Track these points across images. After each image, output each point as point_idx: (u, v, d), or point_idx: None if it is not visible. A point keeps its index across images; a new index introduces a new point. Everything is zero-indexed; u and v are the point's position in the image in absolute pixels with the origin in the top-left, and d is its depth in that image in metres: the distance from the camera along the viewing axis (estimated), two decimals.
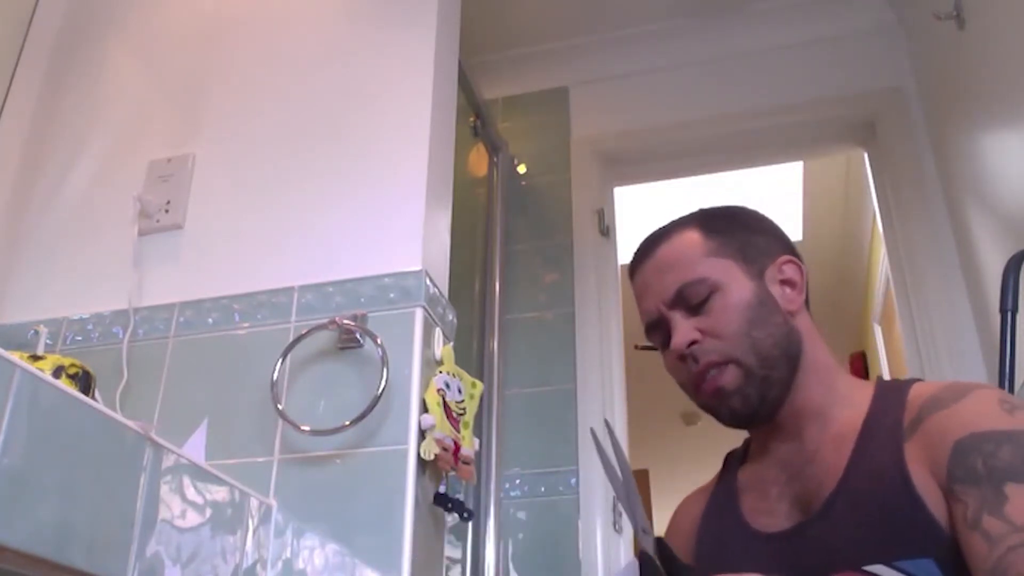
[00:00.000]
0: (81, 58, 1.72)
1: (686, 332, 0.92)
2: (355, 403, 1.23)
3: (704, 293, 0.92)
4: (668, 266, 0.96)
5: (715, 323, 0.91)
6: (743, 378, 0.90)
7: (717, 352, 0.90)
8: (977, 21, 1.78)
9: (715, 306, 0.92)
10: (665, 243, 0.98)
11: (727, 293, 0.92)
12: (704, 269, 0.94)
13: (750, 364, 0.90)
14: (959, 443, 0.77)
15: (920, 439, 0.81)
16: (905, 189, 2.24)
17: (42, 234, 1.56)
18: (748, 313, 0.91)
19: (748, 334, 0.90)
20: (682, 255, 0.96)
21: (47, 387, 0.78)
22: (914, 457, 0.80)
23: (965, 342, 2.00)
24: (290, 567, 1.16)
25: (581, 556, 2.03)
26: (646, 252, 1.00)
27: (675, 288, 0.94)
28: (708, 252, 0.95)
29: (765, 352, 0.90)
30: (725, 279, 0.93)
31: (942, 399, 0.82)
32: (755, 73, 2.50)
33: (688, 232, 0.98)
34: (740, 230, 0.98)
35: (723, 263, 0.94)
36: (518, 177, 2.56)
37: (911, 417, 0.83)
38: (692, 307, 0.93)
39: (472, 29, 1.90)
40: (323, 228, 1.42)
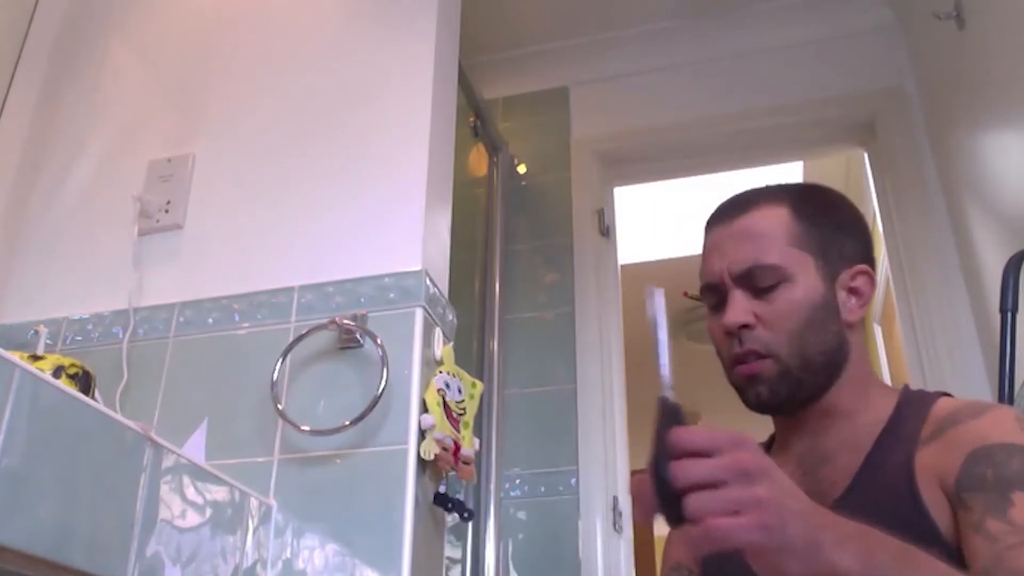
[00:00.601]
0: (81, 58, 1.72)
1: (741, 312, 0.90)
2: (355, 403, 1.23)
3: (773, 280, 0.90)
4: (747, 237, 0.93)
5: (773, 314, 0.90)
6: (779, 374, 0.89)
7: (763, 344, 0.90)
8: (977, 21, 1.78)
9: (780, 297, 0.90)
10: (754, 210, 0.95)
11: (795, 287, 0.90)
12: (782, 255, 0.91)
13: (791, 364, 0.89)
14: (972, 453, 0.78)
15: (935, 450, 0.82)
16: (905, 189, 2.24)
17: (42, 234, 1.56)
18: (809, 314, 0.90)
19: (801, 335, 0.89)
20: (766, 232, 0.93)
21: (47, 387, 0.78)
22: (925, 467, 0.81)
23: (965, 342, 2.00)
24: (290, 567, 1.16)
25: (581, 556, 2.03)
26: (730, 212, 0.97)
27: (747, 265, 0.92)
28: (790, 239, 0.92)
29: (810, 356, 0.90)
30: (798, 272, 0.91)
31: (961, 413, 0.83)
32: (755, 73, 2.50)
33: (778, 208, 0.94)
34: (828, 224, 0.95)
35: (801, 255, 0.92)
36: (518, 177, 2.56)
37: (930, 430, 0.84)
38: (757, 289, 0.91)
39: (472, 29, 1.90)
40: (323, 228, 1.42)
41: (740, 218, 0.95)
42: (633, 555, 2.22)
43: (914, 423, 0.86)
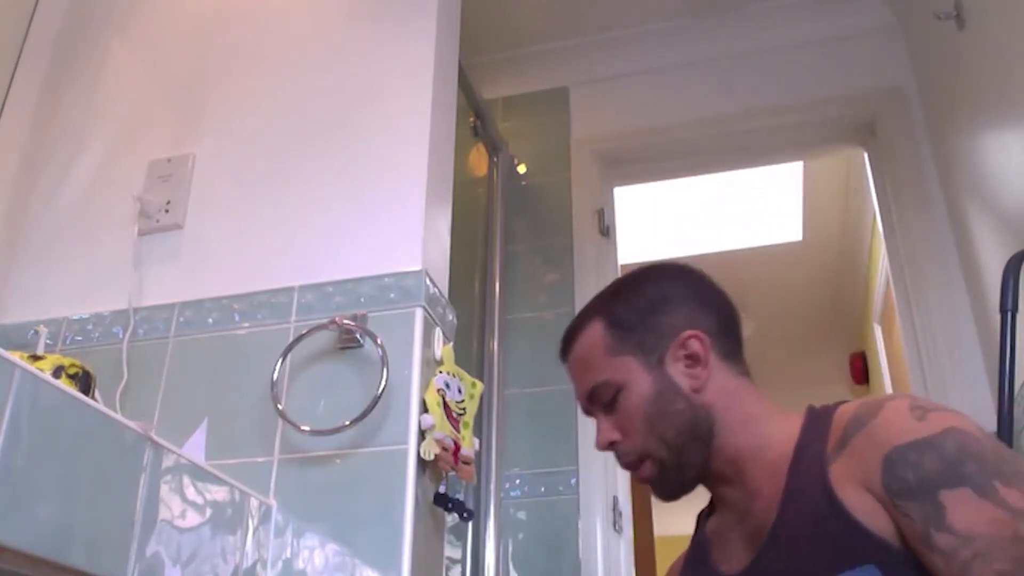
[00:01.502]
0: (81, 58, 1.72)
1: (606, 432, 0.99)
2: (355, 403, 1.23)
3: (610, 393, 0.98)
4: (580, 366, 1.03)
5: (625, 422, 0.98)
6: (660, 470, 0.97)
7: (633, 452, 0.97)
8: (977, 21, 1.78)
9: (622, 405, 0.98)
10: (577, 341, 1.04)
11: (629, 393, 0.97)
12: (607, 371, 0.99)
13: (663, 456, 0.96)
14: (886, 458, 0.80)
15: (847, 459, 0.84)
16: (905, 189, 2.24)
17: (42, 234, 1.56)
18: (649, 409, 0.96)
19: (653, 430, 0.96)
20: (589, 355, 1.02)
21: (47, 387, 0.78)
22: (841, 476, 0.83)
23: (965, 342, 2.00)
24: (290, 567, 1.16)
25: (581, 556, 2.03)
26: (564, 349, 1.07)
27: (586, 391, 1.01)
28: (609, 351, 1.00)
29: (673, 441, 0.96)
30: (626, 378, 0.98)
31: (861, 418, 0.86)
32: (755, 73, 2.50)
33: (593, 327, 1.03)
34: (641, 315, 1.01)
35: (623, 361, 0.99)
36: (518, 177, 2.56)
37: (836, 439, 0.87)
38: (606, 405, 0.99)
39: (472, 29, 1.90)
40: (323, 228, 1.42)
41: (571, 351, 1.05)
42: (633, 555, 2.22)
43: (822, 437, 0.89)
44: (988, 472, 0.76)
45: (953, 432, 0.80)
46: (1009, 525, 0.74)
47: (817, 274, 3.95)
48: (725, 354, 1.01)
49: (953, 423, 0.81)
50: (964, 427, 0.80)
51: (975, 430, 0.81)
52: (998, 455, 0.78)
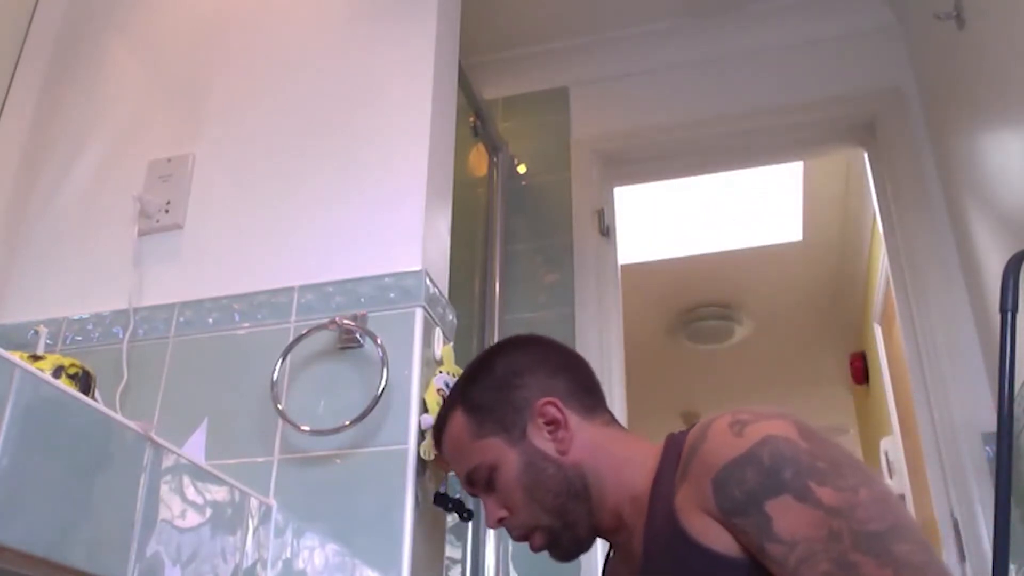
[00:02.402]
0: (81, 58, 1.72)
1: (493, 511, 1.03)
2: (355, 403, 1.23)
3: (485, 475, 1.03)
4: (453, 455, 1.08)
5: (506, 499, 1.02)
6: (551, 537, 1.01)
7: (521, 527, 1.02)
8: (977, 21, 1.78)
9: (499, 484, 1.02)
10: (445, 432, 1.09)
11: (501, 471, 1.02)
12: (476, 455, 1.04)
13: (548, 524, 1.00)
14: (714, 482, 0.83)
15: (687, 486, 0.87)
16: (905, 189, 2.24)
17: (42, 234, 1.56)
18: (523, 482, 1.00)
19: (533, 500, 1.00)
20: (457, 444, 1.07)
21: (47, 387, 0.78)
22: (684, 506, 0.86)
23: (965, 342, 2.00)
24: (290, 567, 1.16)
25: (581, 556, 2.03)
26: (436, 441, 1.12)
27: (463, 476, 1.06)
28: (474, 436, 1.04)
29: (552, 506, 1.00)
30: (495, 458, 1.02)
31: (695, 444, 0.89)
32: (755, 73, 2.50)
33: (456, 416, 1.07)
34: (496, 393, 1.06)
35: (488, 443, 1.03)
36: (518, 177, 2.56)
37: (681, 468, 0.90)
38: (485, 486, 1.03)
39: (472, 29, 1.90)
40: (323, 228, 1.42)
41: (443, 442, 1.10)
42: None
43: (671, 469, 0.92)
44: (803, 473, 0.79)
45: (769, 441, 0.82)
46: (824, 523, 0.76)
47: (817, 274, 3.95)
48: (584, 410, 1.05)
49: (769, 431, 0.83)
50: (780, 432, 0.82)
51: (793, 432, 0.83)
52: (813, 454, 0.80)
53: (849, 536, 0.74)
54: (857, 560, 0.73)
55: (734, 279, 3.92)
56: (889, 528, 0.75)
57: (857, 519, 0.75)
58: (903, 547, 0.74)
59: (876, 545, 0.74)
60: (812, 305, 4.17)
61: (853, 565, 0.73)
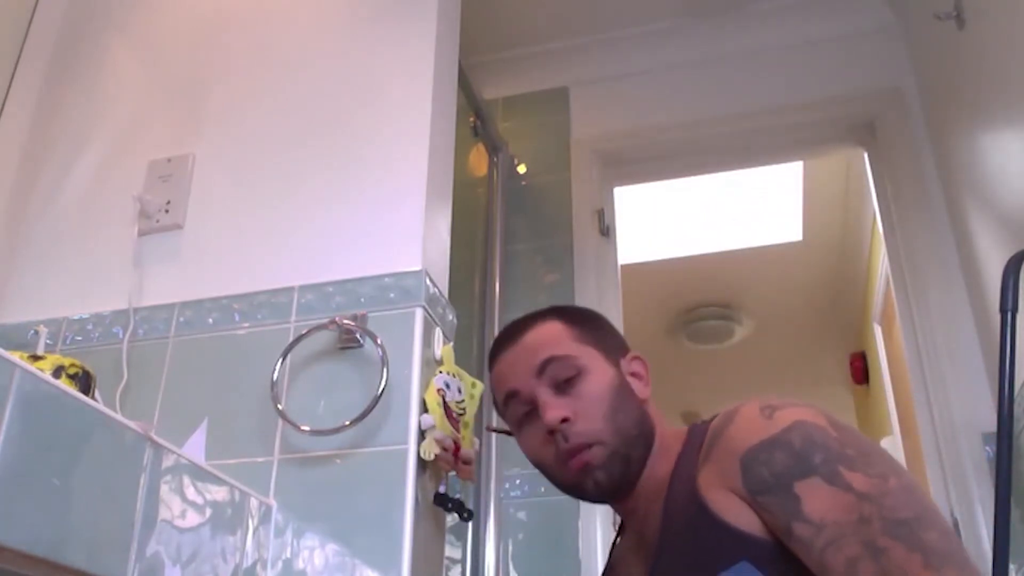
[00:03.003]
0: (81, 58, 1.72)
1: (559, 408, 0.97)
2: (355, 403, 1.23)
3: (571, 372, 0.98)
4: (536, 346, 1.01)
5: (583, 406, 0.97)
6: (609, 457, 0.96)
7: (586, 436, 0.96)
8: (977, 21, 1.78)
9: (582, 390, 0.98)
10: (530, 330, 1.04)
11: (592, 378, 0.99)
12: (571, 350, 1.00)
13: (615, 445, 0.96)
14: (742, 461, 0.84)
15: (711, 465, 0.88)
16: (905, 189, 2.24)
17: (42, 234, 1.56)
18: (611, 397, 0.98)
19: (613, 417, 0.97)
20: (549, 338, 1.02)
21: (47, 387, 0.78)
22: (708, 483, 0.87)
23: (965, 342, 2.00)
24: (290, 567, 1.16)
25: (581, 556, 2.03)
26: (510, 337, 1.05)
27: (543, 359, 0.99)
28: (573, 337, 1.02)
29: (627, 433, 0.97)
30: (590, 364, 1.00)
31: (720, 427, 0.90)
32: (755, 73, 2.50)
33: (550, 322, 1.04)
34: (595, 326, 1.06)
35: (587, 349, 1.01)
36: (518, 177, 2.56)
37: (704, 451, 0.91)
38: (558, 384, 0.98)
39: (472, 29, 1.90)
40: (323, 228, 1.42)
41: (521, 338, 1.03)
42: None
43: (694, 453, 0.93)
44: (833, 459, 0.80)
45: (798, 426, 0.83)
46: (855, 508, 0.77)
47: (817, 274, 3.95)
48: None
49: (798, 417, 0.84)
50: (810, 419, 0.84)
51: (822, 420, 0.84)
52: (842, 442, 0.82)
53: (879, 521, 0.75)
54: (887, 545, 0.74)
55: (734, 279, 3.92)
56: (917, 516, 0.76)
57: (887, 506, 0.76)
58: (931, 535, 0.75)
59: (905, 532, 0.75)
60: (812, 305, 4.18)
61: (883, 550, 0.74)
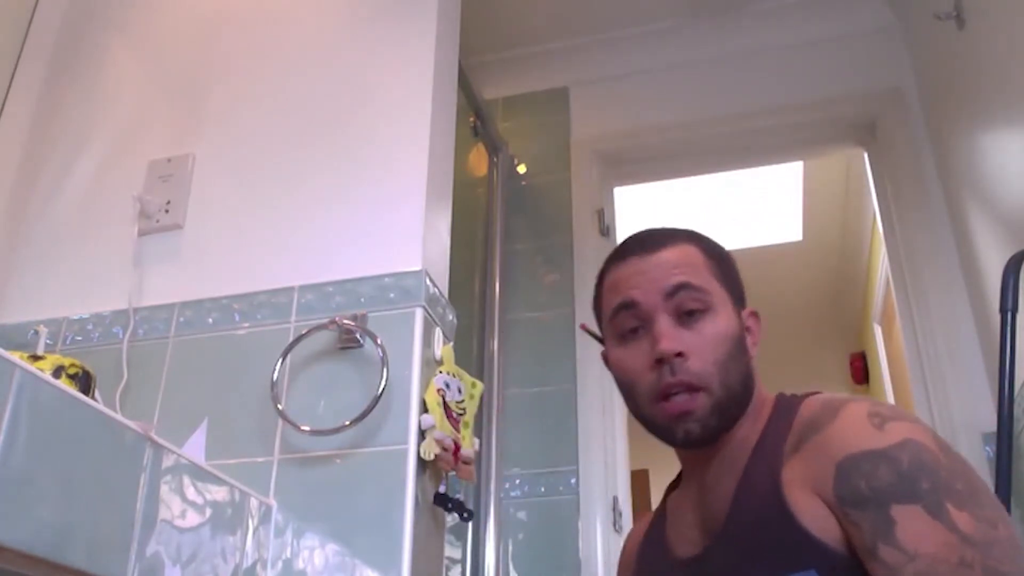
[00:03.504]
0: (81, 58, 1.72)
1: (677, 339, 0.90)
2: (355, 403, 1.23)
3: (698, 306, 0.91)
4: (672, 265, 0.94)
5: (700, 345, 0.90)
6: (711, 408, 0.89)
7: (696, 376, 0.89)
8: (977, 21, 1.78)
9: (705, 328, 0.91)
10: (669, 247, 0.96)
11: (718, 319, 0.92)
12: (707, 283, 0.93)
13: (719, 396, 0.90)
14: (839, 466, 0.79)
15: (800, 461, 0.83)
16: (905, 189, 2.24)
17: (42, 234, 1.56)
18: (730, 345, 0.91)
19: (727, 366, 0.90)
20: (688, 262, 0.94)
21: (47, 387, 0.78)
22: (793, 478, 0.82)
23: (965, 342, 2.00)
24: (290, 567, 1.16)
25: (581, 556, 2.03)
26: (644, 245, 0.97)
27: (677, 283, 0.92)
28: (711, 271, 0.95)
29: (732, 387, 0.91)
30: (719, 304, 0.93)
31: (818, 420, 0.84)
32: (755, 73, 2.50)
33: (691, 246, 0.97)
34: (730, 266, 0.99)
35: (719, 288, 0.94)
36: (518, 177, 2.56)
37: (793, 440, 0.85)
38: (682, 315, 0.91)
39: (472, 29, 1.90)
40: (323, 228, 1.42)
41: (660, 250, 0.96)
42: None
43: (780, 434, 0.87)
44: (941, 491, 0.75)
45: (910, 444, 0.78)
46: (955, 550, 0.72)
47: (817, 274, 3.96)
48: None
49: (910, 434, 0.79)
50: (922, 439, 0.79)
51: (933, 443, 0.79)
52: (952, 472, 0.77)
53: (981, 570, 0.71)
54: None
55: None
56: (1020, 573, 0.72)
57: (993, 556, 0.72)
58: None
59: None
60: (812, 305, 4.18)
61: None
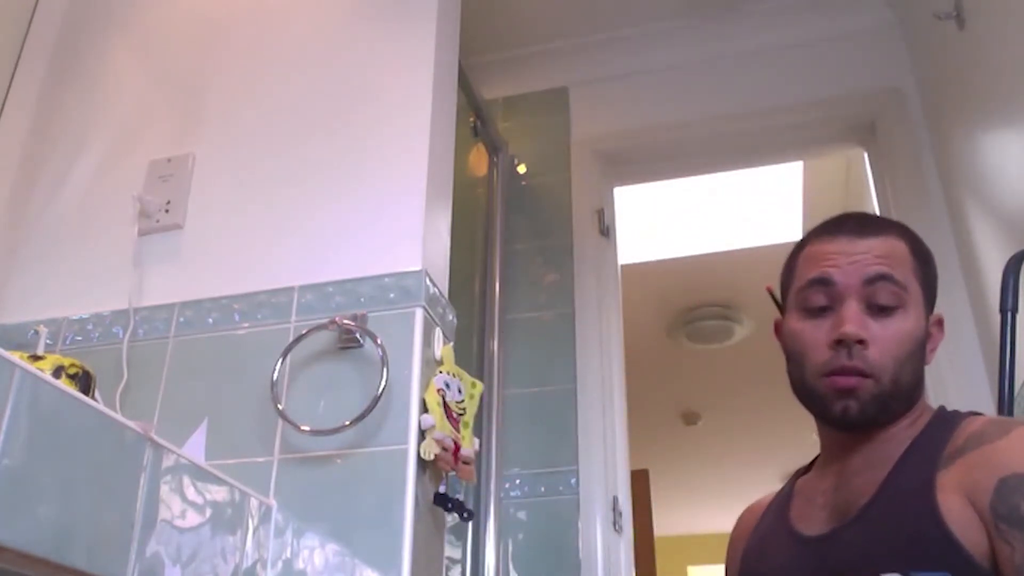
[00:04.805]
0: (81, 58, 1.72)
1: (863, 325, 0.93)
2: (355, 403, 1.23)
3: (894, 302, 0.94)
4: (879, 254, 0.96)
5: (885, 338, 0.93)
6: (874, 395, 0.92)
7: (870, 365, 0.92)
8: (977, 21, 1.78)
9: (893, 324, 0.93)
10: (880, 236, 0.98)
11: (908, 317, 0.94)
12: (908, 280, 0.95)
13: (888, 388, 0.92)
14: (1003, 481, 0.79)
15: (960, 469, 0.84)
16: (905, 189, 2.24)
17: (42, 234, 1.56)
18: (913, 346, 0.94)
19: (903, 364, 0.93)
20: (895, 255, 0.97)
21: (47, 387, 0.78)
22: (949, 484, 0.83)
23: (965, 342, 2.00)
24: (290, 567, 1.16)
25: (581, 556, 2.03)
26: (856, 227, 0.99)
27: (879, 272, 0.94)
28: (914, 270, 0.97)
29: (903, 385, 0.93)
30: (912, 304, 0.95)
31: (986, 434, 0.85)
32: (755, 73, 2.50)
33: (900, 240, 0.99)
34: (931, 268, 1.01)
35: (917, 288, 0.96)
36: (518, 177, 2.56)
37: (955, 447, 0.87)
38: (874, 305, 0.94)
39: (472, 29, 1.90)
40: (323, 228, 1.42)
41: (869, 235, 0.98)
42: (633, 555, 2.22)
43: (939, 440, 0.89)
44: None
45: None
46: None
47: None
48: None
49: None
50: None
51: None
52: None
53: None
54: None
55: (734, 279, 3.92)
56: None
57: None
58: None
59: None
60: None
61: None
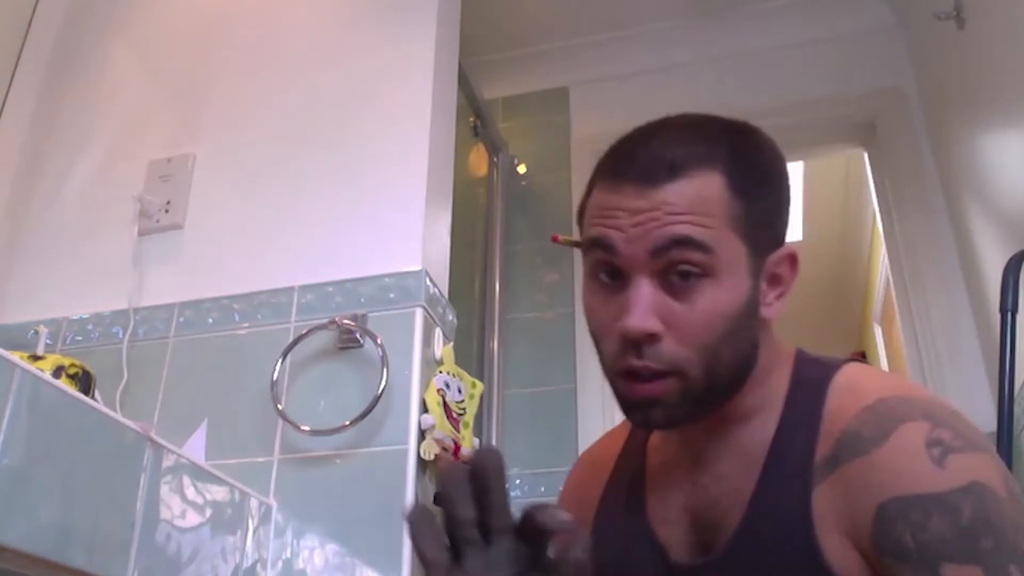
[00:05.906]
0: (81, 58, 1.72)
1: (648, 316, 0.70)
2: (355, 403, 1.23)
3: (697, 269, 0.70)
4: (673, 209, 0.71)
5: (684, 322, 0.70)
6: (680, 395, 0.72)
7: (668, 362, 0.70)
8: (977, 21, 1.78)
9: (699, 299, 0.70)
10: (682, 176, 0.72)
11: (719, 287, 0.71)
12: (716, 239, 0.70)
13: (697, 383, 0.71)
14: (882, 508, 0.66)
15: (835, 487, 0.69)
16: (905, 189, 2.24)
17: (42, 234, 1.56)
18: (728, 322, 0.71)
19: (715, 350, 0.71)
20: (703, 200, 0.71)
21: (47, 387, 0.78)
22: (824, 506, 0.69)
23: (965, 342, 2.00)
24: (290, 567, 1.16)
25: None
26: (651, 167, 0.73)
27: (673, 236, 0.70)
28: (726, 219, 0.71)
29: (720, 373, 0.72)
30: (726, 267, 0.71)
31: (863, 438, 0.69)
32: (755, 73, 2.50)
33: (712, 177, 0.72)
34: (768, 196, 0.77)
35: (734, 241, 0.71)
36: (518, 177, 2.56)
37: (826, 452, 0.70)
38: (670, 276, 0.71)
39: (472, 29, 1.90)
40: (323, 228, 1.42)
41: (664, 184, 0.71)
42: None
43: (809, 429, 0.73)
44: (1005, 551, 0.62)
45: (974, 489, 0.64)
46: None
47: (817, 274, 3.95)
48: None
49: (977, 475, 0.65)
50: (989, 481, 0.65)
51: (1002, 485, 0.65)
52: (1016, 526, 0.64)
53: None
54: None
55: None
56: None
57: None
58: None
59: None
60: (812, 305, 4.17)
61: None
